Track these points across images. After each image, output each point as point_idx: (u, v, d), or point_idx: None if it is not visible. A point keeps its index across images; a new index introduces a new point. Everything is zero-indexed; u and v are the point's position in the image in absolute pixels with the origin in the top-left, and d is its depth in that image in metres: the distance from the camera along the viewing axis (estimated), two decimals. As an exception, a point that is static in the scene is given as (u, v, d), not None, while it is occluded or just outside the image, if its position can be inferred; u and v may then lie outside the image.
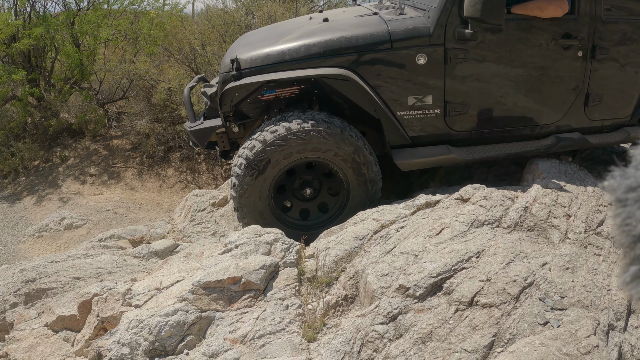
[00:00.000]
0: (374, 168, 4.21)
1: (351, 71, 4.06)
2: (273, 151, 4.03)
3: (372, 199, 4.30)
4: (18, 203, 9.26)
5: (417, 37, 4.09)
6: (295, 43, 4.18)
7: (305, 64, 4.11)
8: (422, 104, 4.23)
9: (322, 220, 4.38)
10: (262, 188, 4.15)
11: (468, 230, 3.45)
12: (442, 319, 2.84)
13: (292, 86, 4.29)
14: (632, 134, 4.84)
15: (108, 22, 10.95)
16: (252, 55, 4.25)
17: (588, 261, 3.39)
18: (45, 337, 3.95)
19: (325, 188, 4.43)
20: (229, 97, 4.31)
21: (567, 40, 4.35)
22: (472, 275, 3.04)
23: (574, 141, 4.63)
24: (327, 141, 4.04)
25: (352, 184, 4.23)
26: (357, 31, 4.14)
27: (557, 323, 2.83)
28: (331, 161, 4.16)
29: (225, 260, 3.41)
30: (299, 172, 4.38)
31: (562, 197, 3.86)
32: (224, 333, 3.06)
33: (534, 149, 4.52)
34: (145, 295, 3.44)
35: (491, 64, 4.25)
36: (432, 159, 4.31)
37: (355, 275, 3.30)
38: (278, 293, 3.25)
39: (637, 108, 4.86)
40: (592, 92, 4.61)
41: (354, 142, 4.09)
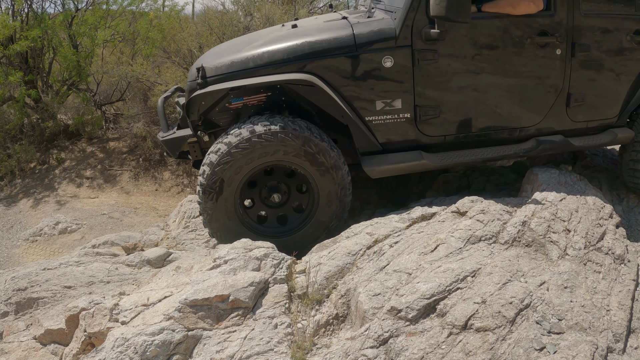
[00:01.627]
0: (332, 153, 4.03)
1: (315, 76, 3.97)
2: (222, 170, 3.95)
3: (342, 185, 4.14)
4: (13, 206, 9.19)
5: (382, 39, 3.99)
6: (259, 50, 4.12)
7: (270, 70, 4.04)
8: (391, 109, 4.11)
9: (301, 221, 4.26)
10: (226, 208, 4.07)
11: (464, 247, 3.36)
12: (435, 343, 2.74)
13: (259, 93, 4.20)
14: (620, 135, 4.71)
15: (106, 23, 10.87)
16: (217, 63, 4.21)
17: (587, 279, 3.31)
18: (34, 350, 3.89)
19: (293, 189, 4.30)
20: (196, 106, 4.25)
21: (544, 37, 4.24)
22: (466, 296, 2.95)
23: (556, 144, 4.51)
24: (270, 143, 3.91)
25: (315, 176, 4.08)
26: (321, 36, 4.05)
27: (553, 349, 2.74)
28: (285, 161, 4.03)
29: (213, 277, 3.32)
30: (262, 180, 4.27)
31: (561, 211, 3.78)
32: (211, 353, 2.98)
33: (512, 153, 4.41)
34: (132, 311, 3.36)
35: (463, 65, 4.14)
36: (403, 165, 4.19)
37: (347, 293, 3.21)
38: (267, 311, 3.17)
39: (624, 108, 4.72)
40: (574, 92, 4.48)
41: (300, 134, 3.94)
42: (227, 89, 4.09)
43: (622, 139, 4.73)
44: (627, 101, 4.70)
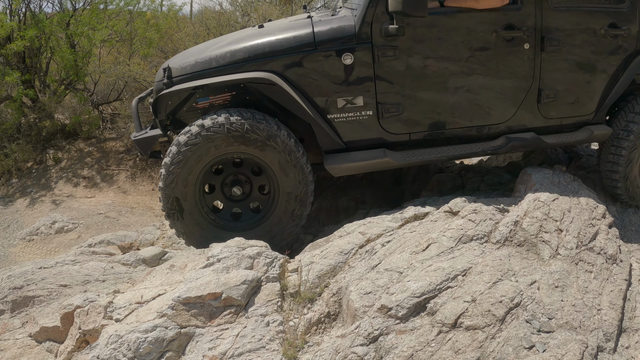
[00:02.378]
0: (282, 138, 4.00)
1: (276, 75, 3.98)
2: (176, 170, 4.01)
3: (298, 165, 4.08)
4: (10, 205, 9.20)
5: (341, 36, 3.97)
6: (222, 50, 4.14)
7: (232, 69, 4.06)
8: (352, 106, 4.09)
9: (270, 202, 4.25)
10: (196, 220, 4.16)
11: (455, 246, 3.38)
12: (424, 341, 2.76)
13: (223, 93, 4.23)
14: (596, 132, 4.60)
15: (104, 23, 10.88)
16: (182, 63, 4.26)
17: (579, 279, 3.32)
18: (29, 347, 3.91)
19: (255, 182, 4.30)
20: (163, 105, 4.29)
21: (510, 32, 4.17)
22: (457, 295, 2.97)
23: (527, 141, 4.42)
24: (218, 135, 3.94)
25: (260, 156, 4.07)
26: (282, 35, 4.06)
27: (542, 347, 2.76)
28: (236, 152, 4.07)
29: (206, 275, 3.34)
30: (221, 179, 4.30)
31: (554, 211, 3.79)
32: (203, 350, 2.99)
33: (480, 150, 4.36)
34: (126, 309, 3.38)
35: (426, 61, 4.10)
36: (365, 163, 4.15)
37: (339, 292, 3.23)
38: (259, 309, 3.18)
39: (601, 104, 4.62)
40: (545, 87, 4.40)
41: (245, 123, 3.95)
42: (190, 88, 4.12)
43: (598, 136, 4.63)
44: (604, 97, 4.61)
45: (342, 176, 5.46)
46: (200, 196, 4.18)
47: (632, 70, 4.56)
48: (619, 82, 4.57)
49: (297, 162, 4.05)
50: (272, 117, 4.14)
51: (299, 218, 4.20)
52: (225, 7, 12.50)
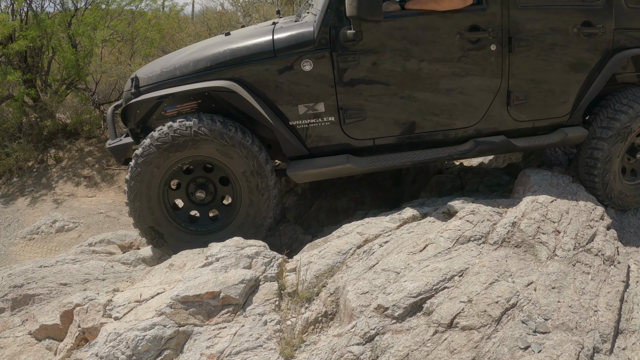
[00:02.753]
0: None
1: (237, 83, 4.00)
2: (137, 185, 4.10)
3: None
4: (11, 204, 9.22)
5: (300, 43, 3.97)
6: (186, 59, 4.19)
7: (195, 78, 4.10)
8: (314, 112, 4.08)
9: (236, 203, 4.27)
10: (173, 233, 4.22)
11: (453, 247, 3.39)
12: (420, 341, 2.78)
13: (190, 101, 4.25)
14: (570, 134, 4.47)
15: (105, 22, 10.90)
16: (149, 73, 4.32)
17: (576, 280, 3.34)
18: (29, 345, 3.93)
19: (216, 182, 4.33)
20: (132, 114, 4.34)
21: (475, 33, 4.09)
22: (453, 295, 2.98)
23: (495, 145, 4.33)
24: (165, 143, 4.00)
25: (221, 159, 4.09)
26: (243, 43, 4.08)
27: (538, 348, 2.77)
28: (189, 158, 4.12)
29: (205, 274, 3.36)
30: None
31: (552, 212, 3.81)
32: (201, 348, 3.01)
33: (446, 155, 4.27)
34: (125, 307, 3.40)
35: (388, 65, 4.05)
36: (327, 169, 4.13)
37: (336, 292, 3.25)
38: (257, 308, 3.20)
39: (576, 106, 4.49)
40: (514, 89, 4.29)
41: (192, 126, 3.99)
42: (155, 97, 4.16)
43: (573, 138, 4.50)
44: (580, 98, 4.49)
45: (342, 177, 5.48)
46: (171, 213, 4.25)
47: (608, 69, 4.43)
48: (595, 82, 4.45)
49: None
50: (239, 123, 4.19)
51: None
52: (227, 8, 12.50)
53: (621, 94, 4.54)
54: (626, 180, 4.73)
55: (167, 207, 4.23)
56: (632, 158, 4.75)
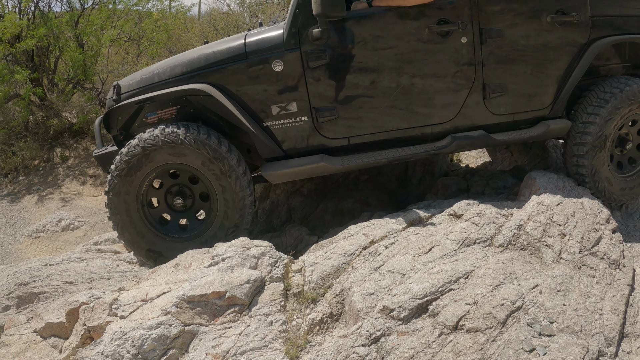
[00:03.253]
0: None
1: (211, 86, 4.05)
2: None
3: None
4: (17, 202, 9.27)
5: (270, 44, 4.03)
6: (163, 65, 4.29)
7: (172, 83, 4.16)
8: (287, 112, 4.10)
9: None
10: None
11: (459, 249, 3.40)
12: (425, 342, 2.78)
13: (169, 107, 4.32)
14: (552, 126, 4.39)
15: (112, 22, 10.95)
16: (130, 80, 4.44)
17: (581, 283, 3.33)
18: (34, 342, 3.95)
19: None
20: (114, 121, 4.43)
21: (443, 26, 4.08)
22: (458, 297, 2.99)
23: (474, 139, 4.29)
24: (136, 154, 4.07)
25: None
26: (217, 48, 4.15)
27: (543, 350, 2.77)
28: (162, 168, 4.17)
29: (211, 274, 3.37)
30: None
31: (557, 215, 3.80)
32: (207, 348, 3.03)
33: (422, 151, 4.24)
34: (131, 306, 3.42)
35: (357, 63, 4.07)
36: (301, 168, 4.13)
37: (342, 293, 3.26)
38: (263, 308, 3.21)
39: (557, 97, 4.41)
40: (490, 82, 4.24)
41: (159, 136, 4.05)
42: (133, 102, 4.24)
43: (555, 130, 4.43)
44: (560, 90, 4.41)
45: (348, 178, 5.50)
46: (160, 229, 4.30)
47: (586, 59, 4.37)
48: (574, 72, 4.38)
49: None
50: (218, 129, 4.30)
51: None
52: (234, 9, 12.54)
53: (601, 85, 4.48)
54: (619, 173, 4.67)
55: (154, 225, 4.29)
56: (623, 149, 4.67)
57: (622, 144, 4.63)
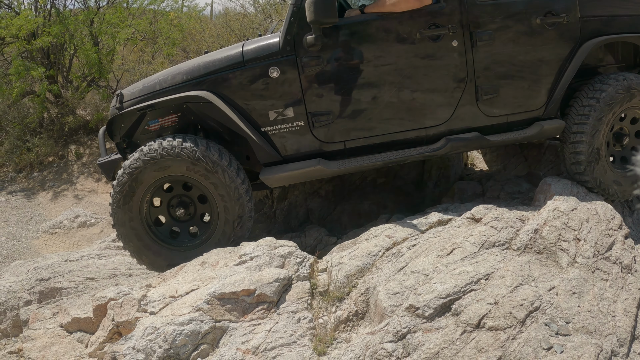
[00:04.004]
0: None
1: (211, 93, 4.17)
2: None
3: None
4: (33, 198, 9.35)
5: (267, 52, 4.14)
6: (165, 74, 4.42)
7: (173, 91, 4.28)
8: (284, 118, 4.20)
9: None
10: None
11: (478, 252, 3.51)
12: (450, 339, 2.91)
13: (170, 114, 4.44)
14: (546, 126, 4.43)
15: (127, 21, 11.03)
16: (132, 89, 4.56)
17: (595, 286, 3.44)
18: (60, 337, 4.04)
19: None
20: (117, 128, 4.56)
21: (434, 30, 4.16)
22: (480, 297, 3.11)
23: (468, 141, 4.33)
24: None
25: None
26: (216, 56, 4.28)
27: (560, 349, 2.89)
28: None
29: (240, 272, 3.49)
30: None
31: (572, 221, 3.89)
32: (237, 344, 3.14)
33: (417, 153, 4.29)
34: (161, 302, 3.52)
35: (352, 68, 4.17)
36: (298, 172, 4.22)
37: (367, 292, 3.38)
38: (290, 306, 3.34)
39: (550, 98, 4.46)
40: (482, 84, 4.30)
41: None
42: (135, 109, 4.37)
43: (550, 130, 4.47)
44: (552, 90, 4.45)
45: (365, 180, 5.60)
46: (171, 242, 4.42)
47: (578, 59, 4.41)
48: (566, 73, 4.43)
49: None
50: (217, 137, 4.46)
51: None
52: (248, 9, 12.63)
53: (590, 83, 4.53)
54: (617, 168, 4.67)
55: (166, 241, 4.41)
56: (619, 145, 4.70)
57: (619, 139, 4.67)
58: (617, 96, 4.42)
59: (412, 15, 4.15)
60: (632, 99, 4.49)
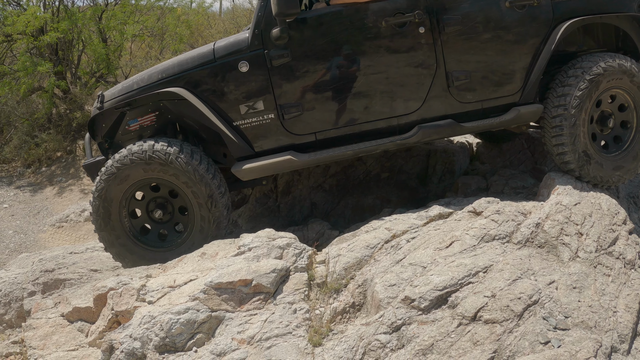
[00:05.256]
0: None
1: (185, 89, 4.22)
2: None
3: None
4: (40, 193, 9.41)
5: (237, 47, 4.18)
6: (143, 74, 4.48)
7: (149, 89, 4.34)
8: (254, 111, 4.22)
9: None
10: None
11: (478, 245, 3.48)
12: (445, 332, 2.89)
13: (148, 114, 4.49)
14: (523, 111, 4.30)
15: (135, 17, 11.06)
16: (113, 89, 4.63)
17: (596, 281, 3.41)
18: (61, 326, 4.05)
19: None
20: (98, 128, 4.61)
21: (400, 17, 4.11)
22: (477, 290, 3.09)
23: (440, 128, 4.25)
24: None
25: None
26: (189, 55, 4.34)
27: (558, 343, 2.86)
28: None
29: (237, 263, 3.49)
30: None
31: (575, 215, 3.86)
32: (232, 333, 3.14)
33: (388, 142, 4.24)
34: (159, 292, 3.53)
35: (319, 59, 4.18)
36: (268, 162, 4.23)
37: (364, 284, 3.36)
38: (287, 297, 3.33)
39: (526, 82, 4.33)
40: (453, 70, 4.22)
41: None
42: (112, 108, 4.44)
43: (527, 115, 4.34)
44: (528, 75, 4.33)
45: (369, 175, 5.59)
46: (159, 243, 4.46)
47: (552, 42, 4.28)
48: (541, 56, 4.30)
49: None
50: (196, 135, 4.53)
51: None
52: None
53: (567, 66, 4.41)
54: (605, 152, 4.51)
55: (157, 244, 4.45)
56: (605, 128, 4.55)
57: (604, 122, 4.52)
58: (596, 77, 4.28)
59: (378, 4, 4.14)
60: (611, 79, 4.34)
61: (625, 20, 4.53)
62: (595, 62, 4.29)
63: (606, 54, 4.38)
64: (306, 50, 4.16)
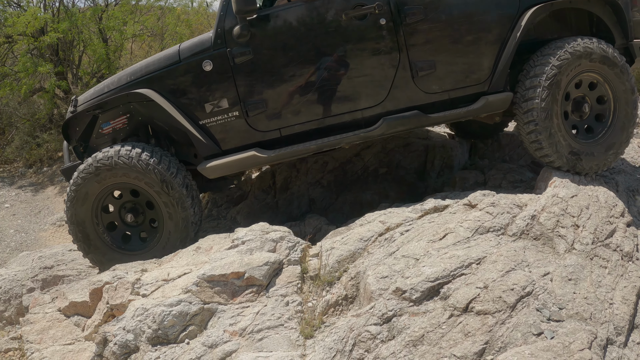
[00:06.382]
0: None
1: (152, 90, 4.27)
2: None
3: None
4: (41, 192, 9.43)
5: (201, 47, 4.20)
6: (113, 77, 4.53)
7: (118, 92, 4.39)
8: (219, 109, 4.25)
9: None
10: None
11: (472, 237, 3.46)
12: (436, 323, 2.87)
13: (120, 116, 4.53)
14: (491, 99, 4.22)
15: (135, 17, 11.07)
16: (86, 93, 4.67)
17: (593, 273, 3.38)
18: (58, 321, 4.07)
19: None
20: (72, 132, 4.67)
21: (359, 9, 4.09)
22: (469, 281, 3.06)
23: (406, 119, 4.20)
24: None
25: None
26: (157, 56, 4.38)
27: (551, 334, 2.83)
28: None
29: (230, 255, 3.48)
30: None
31: (571, 207, 3.83)
32: (225, 325, 3.15)
33: (352, 135, 4.23)
34: (153, 285, 3.54)
35: (280, 55, 4.19)
36: (233, 159, 4.24)
37: (357, 276, 3.35)
38: (280, 289, 3.32)
39: (494, 71, 4.24)
40: (416, 60, 4.16)
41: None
42: (84, 110, 4.49)
43: (496, 103, 4.25)
44: (496, 63, 4.25)
45: (367, 170, 5.58)
46: (141, 246, 4.50)
47: (519, 28, 4.19)
48: (508, 44, 4.22)
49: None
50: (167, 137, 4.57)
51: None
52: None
53: (535, 54, 4.32)
54: (582, 139, 4.39)
55: (140, 247, 4.49)
56: (582, 114, 4.41)
57: (578, 108, 4.41)
58: (565, 61, 4.18)
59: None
60: (582, 62, 4.25)
61: (596, 4, 4.45)
62: (566, 47, 4.20)
63: (578, 38, 4.27)
64: (268, 47, 4.18)
